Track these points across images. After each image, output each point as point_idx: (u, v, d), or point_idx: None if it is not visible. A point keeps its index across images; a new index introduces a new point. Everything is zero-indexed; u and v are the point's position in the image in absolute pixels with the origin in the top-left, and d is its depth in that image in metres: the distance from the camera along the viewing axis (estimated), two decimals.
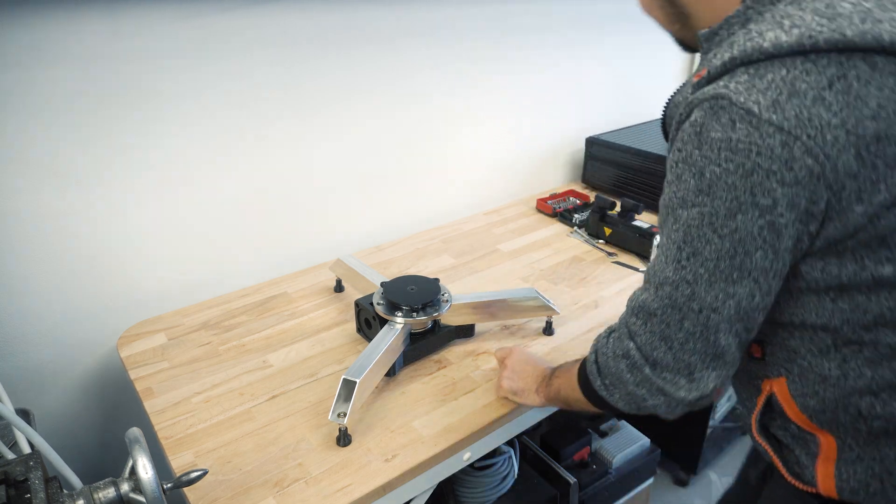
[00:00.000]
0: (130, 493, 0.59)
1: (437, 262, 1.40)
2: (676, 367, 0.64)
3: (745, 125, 0.55)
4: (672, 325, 0.63)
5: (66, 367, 1.17)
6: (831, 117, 0.54)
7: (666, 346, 0.64)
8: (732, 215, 0.57)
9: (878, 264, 0.57)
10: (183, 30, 1.08)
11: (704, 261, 0.60)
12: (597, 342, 0.76)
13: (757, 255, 0.58)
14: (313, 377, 1.03)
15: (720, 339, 0.62)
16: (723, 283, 0.60)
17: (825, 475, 0.66)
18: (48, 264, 1.08)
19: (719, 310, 0.61)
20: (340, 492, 0.81)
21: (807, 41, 0.54)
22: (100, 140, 1.07)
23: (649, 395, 0.67)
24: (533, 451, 1.31)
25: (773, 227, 0.57)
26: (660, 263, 0.65)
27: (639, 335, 0.67)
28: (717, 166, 0.57)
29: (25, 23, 0.94)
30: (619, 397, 0.71)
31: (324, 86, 1.29)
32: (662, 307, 0.64)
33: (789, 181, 0.55)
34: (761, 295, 0.60)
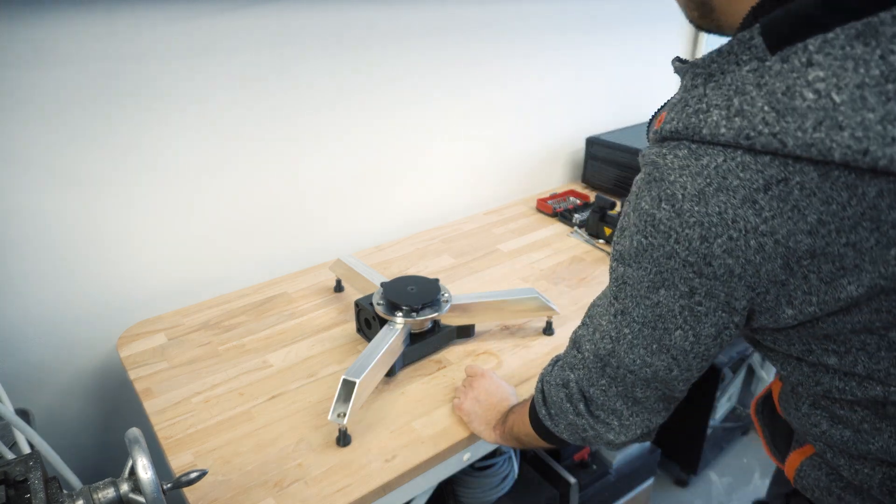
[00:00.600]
0: (130, 493, 0.59)
1: (437, 262, 1.40)
2: (608, 407, 0.66)
3: (669, 208, 0.52)
4: (595, 371, 0.65)
5: (66, 367, 1.17)
6: (759, 223, 0.48)
7: (598, 389, 0.66)
8: (656, 288, 0.56)
9: (825, 353, 0.55)
10: (183, 30, 1.08)
11: (630, 322, 0.59)
12: (543, 371, 0.77)
13: (676, 334, 0.57)
14: (313, 377, 1.03)
15: (637, 393, 0.64)
16: (642, 351, 0.60)
17: (791, 464, 0.69)
18: (48, 264, 1.08)
19: (636, 372, 0.62)
20: (340, 492, 0.81)
21: (743, 140, 0.48)
22: (100, 140, 1.07)
23: (588, 428, 0.69)
24: (533, 452, 1.31)
25: (693, 312, 0.55)
26: (602, 306, 0.64)
27: (577, 369, 0.68)
28: (643, 237, 0.55)
29: (25, 23, 0.94)
30: (564, 427, 0.72)
31: (324, 85, 1.29)
32: (589, 353, 0.65)
33: (707, 274, 0.52)
34: (679, 370, 0.60)
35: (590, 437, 0.70)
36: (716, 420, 1.72)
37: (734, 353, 1.54)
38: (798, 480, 0.68)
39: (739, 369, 1.72)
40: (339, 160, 1.38)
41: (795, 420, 0.65)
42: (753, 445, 1.84)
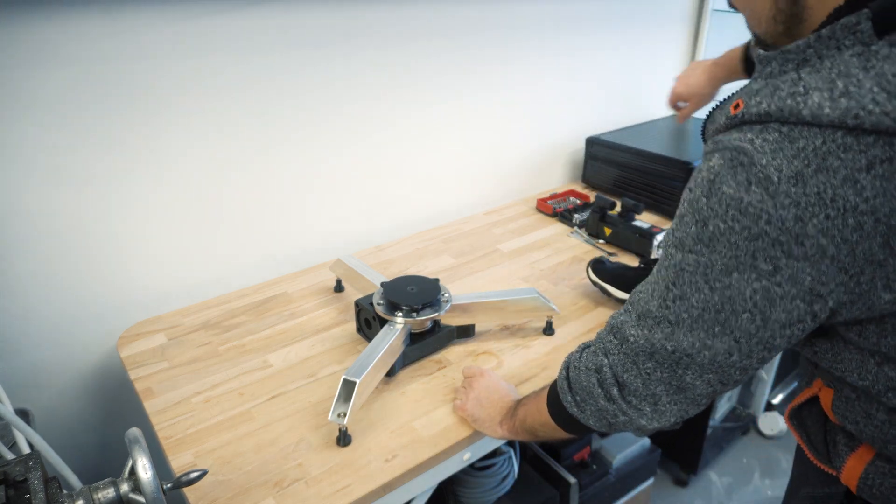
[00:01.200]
0: (130, 493, 0.59)
1: (437, 262, 1.40)
2: (644, 393, 0.65)
3: (761, 190, 0.51)
4: (642, 356, 0.63)
5: (66, 367, 1.17)
6: (860, 202, 0.48)
7: (636, 370, 0.64)
8: (728, 272, 0.55)
9: None
10: (184, 30, 1.08)
11: (690, 307, 0.58)
12: (569, 357, 0.76)
13: (744, 317, 0.56)
14: (313, 377, 1.03)
15: (686, 377, 0.62)
16: (702, 334, 0.59)
17: (852, 470, 0.67)
18: (48, 264, 1.08)
19: (693, 356, 0.60)
20: (340, 492, 0.81)
21: (851, 120, 0.48)
22: (100, 140, 1.07)
23: (618, 414, 0.68)
24: (533, 451, 1.31)
25: (768, 295, 0.54)
26: (646, 293, 0.64)
27: (612, 354, 0.67)
28: (722, 222, 0.54)
29: (25, 23, 0.94)
30: (591, 413, 0.71)
31: (325, 86, 1.29)
32: (638, 338, 0.64)
33: (797, 255, 0.51)
34: (740, 356, 0.59)
35: (619, 422, 0.68)
36: (716, 420, 1.72)
37: None
38: (864, 488, 0.66)
39: None
40: (339, 160, 1.38)
41: (867, 429, 0.63)
42: (753, 445, 1.84)
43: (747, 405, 1.89)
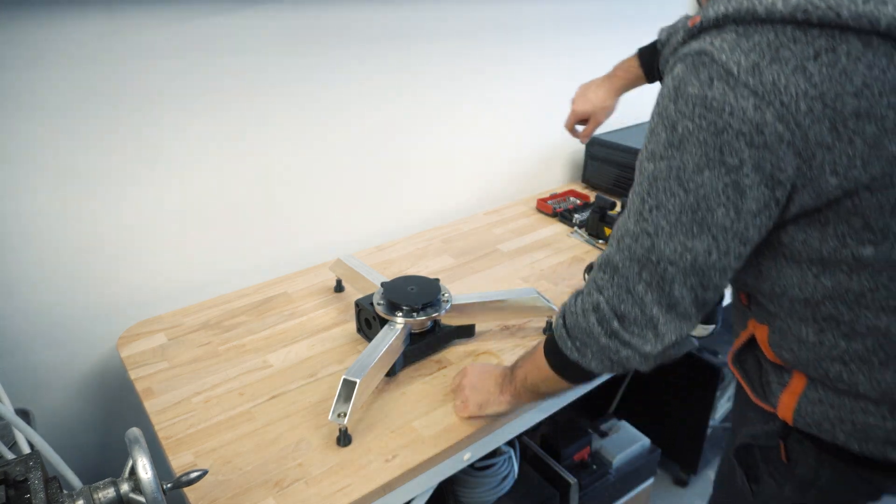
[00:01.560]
0: (130, 493, 0.59)
1: (438, 262, 1.40)
2: (643, 320, 0.66)
3: (722, 84, 0.56)
4: (632, 279, 0.65)
5: (66, 367, 1.17)
6: (809, 88, 0.54)
7: (632, 300, 0.66)
8: (700, 170, 0.58)
9: (860, 245, 0.58)
10: (184, 30, 1.08)
11: (667, 213, 0.61)
12: (563, 306, 0.76)
13: (719, 213, 0.59)
14: (313, 377, 1.03)
15: (674, 290, 0.64)
16: (682, 237, 0.61)
17: (787, 404, 0.72)
18: (48, 264, 1.08)
19: (676, 262, 0.62)
20: (340, 492, 0.81)
21: (800, 14, 0.54)
22: (100, 140, 1.07)
23: (621, 346, 0.68)
24: (533, 451, 1.31)
25: (738, 187, 0.58)
26: (623, 219, 0.67)
27: (606, 289, 0.68)
28: (689, 121, 0.58)
29: (25, 23, 0.94)
30: (592, 355, 0.71)
31: (324, 86, 1.29)
32: (623, 260, 0.65)
33: (758, 144, 0.56)
34: (718, 254, 0.61)
35: (622, 357, 0.69)
36: (716, 420, 1.72)
37: None
38: (799, 419, 0.71)
39: None
40: (339, 160, 1.38)
41: (801, 354, 0.67)
42: None
43: None
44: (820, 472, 0.72)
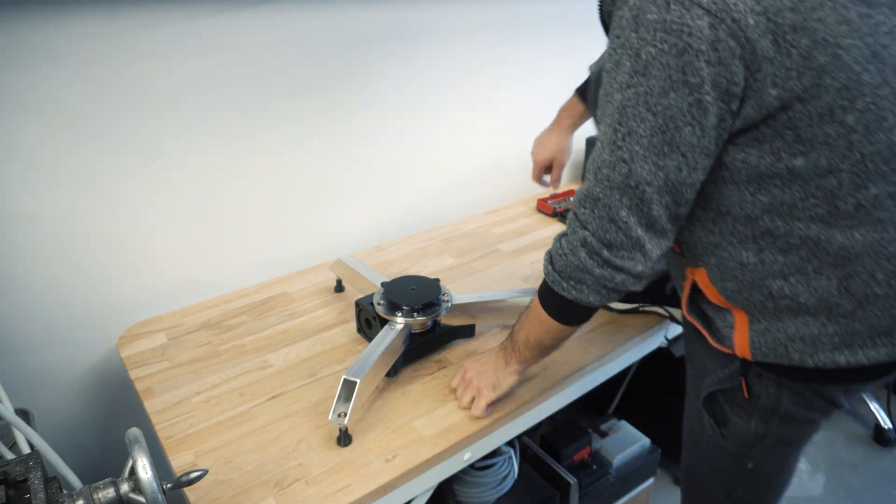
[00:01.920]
0: (130, 493, 0.59)
1: (438, 262, 1.40)
2: (630, 243, 0.70)
3: (679, 7, 0.60)
4: (615, 206, 0.69)
5: (66, 367, 1.17)
6: (755, 4, 0.59)
7: (615, 227, 0.70)
8: (665, 93, 0.62)
9: (792, 157, 0.64)
10: (184, 31, 1.08)
11: (639, 138, 0.65)
12: (548, 253, 0.80)
13: (686, 131, 0.63)
14: (313, 377, 1.03)
15: (653, 210, 0.68)
16: (654, 158, 0.65)
17: (741, 343, 0.77)
18: (48, 264, 1.08)
19: (652, 183, 0.67)
20: (341, 492, 0.81)
21: None
22: (100, 140, 1.07)
23: (615, 272, 0.72)
24: (533, 451, 1.30)
25: (701, 105, 0.62)
26: (597, 152, 0.70)
27: (590, 223, 0.72)
28: (652, 47, 0.61)
29: (25, 23, 0.94)
30: (589, 289, 0.75)
31: (325, 86, 1.29)
32: (604, 190, 0.69)
33: (714, 61, 0.60)
34: (688, 170, 0.66)
35: (618, 282, 0.73)
36: None
37: None
38: (756, 353, 0.76)
39: None
40: (339, 160, 1.38)
41: (745, 278, 0.73)
42: None
43: None
44: (781, 398, 0.78)
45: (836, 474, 1.73)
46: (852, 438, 1.86)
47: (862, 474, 1.73)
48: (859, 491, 1.68)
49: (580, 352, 1.09)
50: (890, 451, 1.81)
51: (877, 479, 1.72)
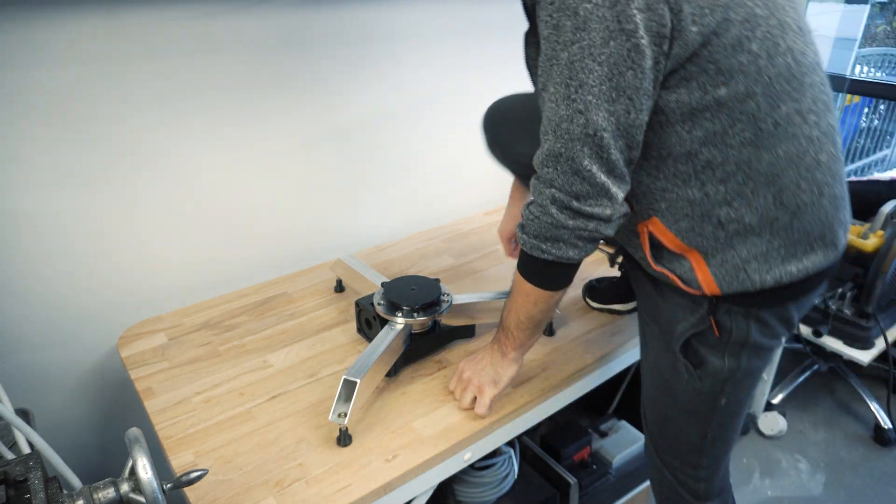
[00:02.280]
0: (130, 493, 0.59)
1: (438, 262, 1.40)
2: (596, 191, 0.75)
3: None
4: (578, 158, 0.73)
5: (66, 367, 1.17)
6: None
7: (580, 178, 0.74)
8: (606, 42, 0.68)
9: (716, 88, 0.70)
10: (184, 31, 1.08)
11: (590, 88, 0.70)
12: (519, 226, 0.83)
13: (628, 75, 0.69)
14: (314, 377, 1.03)
15: (611, 155, 0.73)
16: (606, 104, 0.70)
17: (707, 280, 0.81)
18: (48, 264, 1.08)
19: (607, 128, 0.72)
20: (341, 492, 0.81)
21: None
22: (100, 140, 1.07)
23: (587, 220, 0.77)
24: (533, 451, 1.30)
25: (638, 49, 0.68)
26: (551, 111, 0.74)
27: (555, 180, 0.76)
28: (588, 3, 0.67)
29: (25, 23, 0.94)
30: (566, 244, 0.79)
31: (324, 86, 1.29)
32: (565, 143, 0.73)
33: (643, 7, 0.66)
34: (635, 112, 0.71)
35: (591, 230, 0.77)
36: None
37: None
38: (724, 284, 0.80)
39: None
40: (339, 160, 1.38)
41: (696, 210, 0.78)
42: (753, 445, 1.84)
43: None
44: (749, 328, 0.83)
45: (836, 474, 1.73)
46: (852, 438, 1.86)
47: (862, 474, 1.73)
48: (859, 491, 1.68)
49: (580, 352, 1.09)
50: (890, 451, 1.81)
51: (877, 479, 1.72)
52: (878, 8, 3.43)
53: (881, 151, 3.15)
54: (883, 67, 3.15)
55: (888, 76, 3.11)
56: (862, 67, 3.05)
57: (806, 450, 1.82)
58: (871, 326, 1.77)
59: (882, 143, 3.14)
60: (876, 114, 3.10)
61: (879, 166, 3.17)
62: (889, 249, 1.69)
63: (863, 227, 1.79)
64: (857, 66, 2.94)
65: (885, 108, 3.09)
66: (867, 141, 3.10)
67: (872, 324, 1.77)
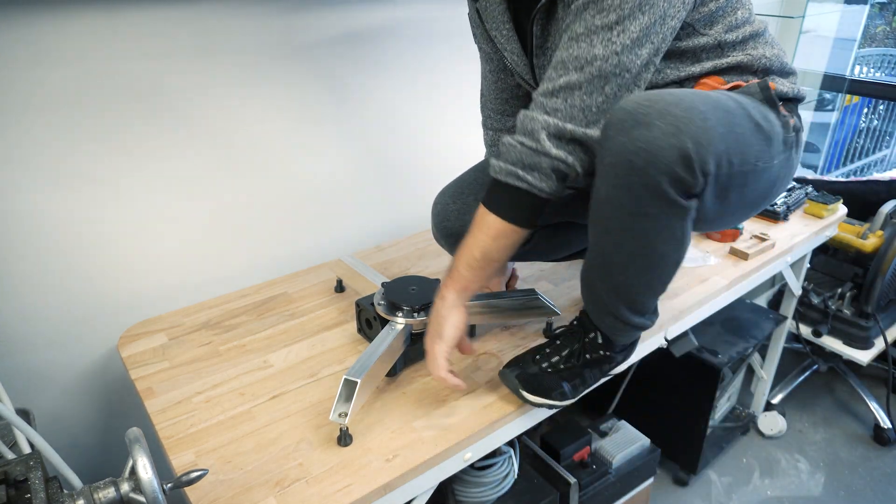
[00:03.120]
0: (130, 493, 0.59)
1: (438, 262, 1.40)
2: (595, 119, 0.79)
3: None
4: (595, 92, 0.77)
5: (67, 367, 1.17)
6: None
7: (583, 114, 0.78)
8: None
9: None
10: (183, 31, 1.08)
11: (630, 34, 0.75)
12: (492, 158, 0.84)
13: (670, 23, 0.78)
14: (314, 377, 1.03)
15: (620, 100, 0.77)
16: (638, 49, 0.77)
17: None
18: (48, 264, 1.08)
19: (632, 69, 0.77)
20: (341, 492, 0.81)
21: None
22: (100, 140, 1.07)
23: (570, 152, 0.80)
24: (533, 451, 1.30)
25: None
26: (583, 50, 0.77)
27: (559, 110, 0.79)
28: None
29: (25, 22, 0.94)
30: (543, 174, 0.80)
31: (324, 86, 1.29)
32: (588, 79, 0.77)
33: None
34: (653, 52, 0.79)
35: (569, 163, 0.80)
36: (716, 420, 1.72)
37: (734, 353, 1.54)
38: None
39: (739, 369, 1.72)
40: (339, 160, 1.38)
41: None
42: (753, 445, 1.85)
43: (747, 405, 1.89)
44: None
45: (835, 474, 1.74)
46: (852, 438, 1.86)
47: (861, 474, 1.73)
48: (859, 491, 1.68)
49: None
50: (890, 451, 1.81)
51: (877, 478, 1.72)
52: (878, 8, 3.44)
53: (881, 151, 3.15)
54: (882, 68, 3.15)
55: (887, 76, 3.11)
56: (861, 68, 3.05)
57: (806, 450, 1.82)
58: (871, 326, 1.77)
59: (881, 144, 3.14)
60: (875, 114, 3.10)
61: (879, 166, 3.17)
62: (888, 249, 1.70)
63: (862, 227, 1.79)
64: (857, 67, 2.94)
65: (884, 108, 3.09)
66: (867, 141, 3.10)
67: (872, 324, 1.77)
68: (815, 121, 2.49)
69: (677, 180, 0.73)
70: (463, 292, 0.89)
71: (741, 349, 1.56)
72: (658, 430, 1.46)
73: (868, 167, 3.14)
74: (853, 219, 1.82)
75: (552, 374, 0.95)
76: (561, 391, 0.94)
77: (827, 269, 1.90)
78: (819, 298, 1.84)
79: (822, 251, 1.91)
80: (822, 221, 1.58)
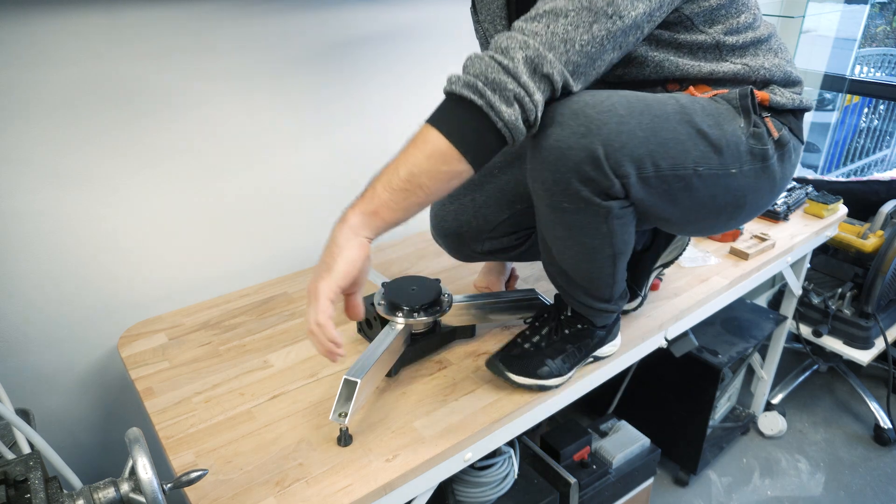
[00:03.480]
0: (130, 493, 0.59)
1: (438, 262, 1.40)
2: (566, 58, 0.70)
3: None
4: (581, 27, 0.69)
5: (66, 367, 1.17)
6: None
7: (565, 46, 0.70)
8: None
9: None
10: (183, 31, 1.08)
11: None
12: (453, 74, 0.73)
13: None
14: (314, 377, 1.03)
15: (605, 56, 0.73)
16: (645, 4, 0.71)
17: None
18: (48, 264, 1.08)
19: (624, 18, 0.70)
20: (341, 492, 0.81)
21: None
22: (100, 140, 1.07)
23: (537, 87, 0.70)
24: (533, 451, 1.31)
25: None
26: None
27: (539, 35, 0.69)
28: None
29: (25, 22, 0.94)
30: (505, 98, 0.69)
31: (324, 85, 1.29)
32: (577, 9, 0.69)
33: None
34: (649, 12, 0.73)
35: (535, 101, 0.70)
36: (716, 420, 1.73)
37: (734, 353, 1.54)
38: None
39: (739, 369, 1.72)
40: (339, 159, 1.38)
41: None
42: (753, 445, 1.85)
43: (747, 405, 1.89)
44: None
45: (835, 474, 1.74)
46: (852, 438, 1.86)
47: (862, 474, 1.73)
48: (859, 491, 1.68)
49: None
50: (890, 451, 1.81)
51: (877, 478, 1.72)
52: (878, 8, 3.44)
53: (881, 151, 3.15)
54: (883, 67, 3.15)
55: (888, 76, 3.11)
56: (862, 67, 3.05)
57: (806, 450, 1.82)
58: (871, 326, 1.77)
59: (882, 143, 3.14)
60: (876, 114, 3.10)
61: (879, 166, 3.17)
62: (888, 249, 1.70)
63: (862, 227, 1.79)
64: (857, 67, 2.94)
65: (884, 108, 3.09)
66: (867, 141, 3.10)
67: (872, 324, 1.77)
68: (815, 121, 2.49)
69: (588, 179, 0.74)
70: (371, 217, 0.74)
71: (741, 349, 1.56)
72: (658, 430, 1.46)
73: (868, 167, 3.14)
74: (853, 219, 1.82)
75: (535, 353, 0.97)
76: (547, 368, 0.96)
77: (827, 269, 1.90)
78: (819, 298, 1.84)
79: (822, 251, 1.91)
80: (823, 221, 1.58)
